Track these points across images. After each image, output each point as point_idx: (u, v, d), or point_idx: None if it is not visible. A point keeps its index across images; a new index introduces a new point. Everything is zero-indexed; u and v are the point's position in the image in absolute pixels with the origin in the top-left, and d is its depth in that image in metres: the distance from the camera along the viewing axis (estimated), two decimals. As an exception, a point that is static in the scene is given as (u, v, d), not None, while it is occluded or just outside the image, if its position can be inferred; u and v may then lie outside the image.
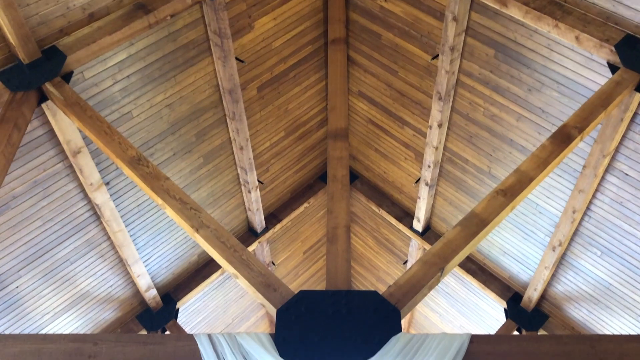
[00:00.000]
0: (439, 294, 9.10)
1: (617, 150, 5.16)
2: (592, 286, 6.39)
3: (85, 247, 6.15)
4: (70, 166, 5.43)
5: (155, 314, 7.40)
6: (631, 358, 3.42)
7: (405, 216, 8.25)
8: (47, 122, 4.97)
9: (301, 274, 10.27)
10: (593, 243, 6.04)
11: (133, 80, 5.39)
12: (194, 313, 8.61)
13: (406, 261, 9.02)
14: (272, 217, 8.36)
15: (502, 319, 7.90)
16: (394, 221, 8.31)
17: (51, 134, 5.09)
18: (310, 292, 3.97)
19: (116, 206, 6.03)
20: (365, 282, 10.66)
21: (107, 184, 5.80)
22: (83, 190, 5.70)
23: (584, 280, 6.46)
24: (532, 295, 7.10)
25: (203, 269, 7.82)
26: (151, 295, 7.21)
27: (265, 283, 4.00)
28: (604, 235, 5.85)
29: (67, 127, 5.05)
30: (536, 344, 3.56)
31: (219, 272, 7.85)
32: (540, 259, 6.68)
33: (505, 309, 7.52)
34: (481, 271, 7.69)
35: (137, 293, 7.17)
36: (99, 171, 5.63)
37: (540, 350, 3.52)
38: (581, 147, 5.39)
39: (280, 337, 3.73)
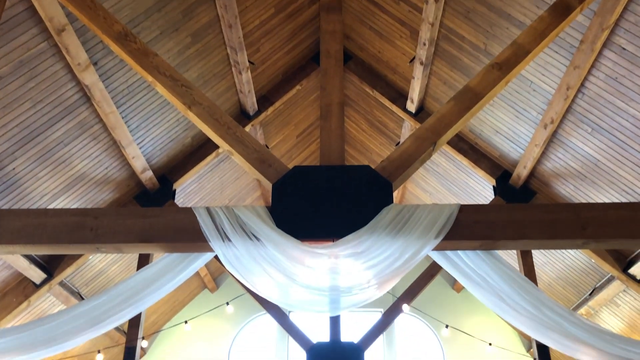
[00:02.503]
0: (429, 173, 9.30)
1: (616, 23, 5.03)
2: (580, 163, 6.53)
3: (77, 129, 6.13)
4: (56, 45, 5.26)
5: (152, 195, 7.56)
6: (613, 224, 3.58)
7: (399, 97, 8.19)
8: (27, -2, 4.75)
9: (294, 158, 10.38)
10: (584, 120, 6.08)
11: (113, -49, 5.08)
12: (191, 194, 8.80)
13: (398, 142, 9.10)
14: (265, 100, 8.28)
15: (490, 196, 8.14)
16: (387, 102, 8.26)
17: (32, 10, 4.87)
18: (304, 167, 4.05)
19: (106, 87, 5.93)
20: (357, 164, 10.82)
21: (95, 64, 5.66)
22: (71, 71, 5.58)
23: (572, 157, 6.58)
24: (521, 172, 7.26)
25: (197, 150, 7.88)
26: (147, 176, 7.32)
27: (260, 159, 4.06)
28: (596, 112, 5.87)
29: (48, 3, 4.82)
30: (523, 212, 3.70)
31: (214, 154, 7.92)
32: (531, 137, 6.75)
33: (494, 187, 7.72)
34: (472, 150, 7.79)
35: (133, 175, 7.27)
36: (86, 50, 5.47)
37: (526, 219, 3.67)
38: (579, 21, 5.24)
39: (277, 209, 3.85)
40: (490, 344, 7.28)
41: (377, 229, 3.71)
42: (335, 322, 7.54)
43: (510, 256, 8.83)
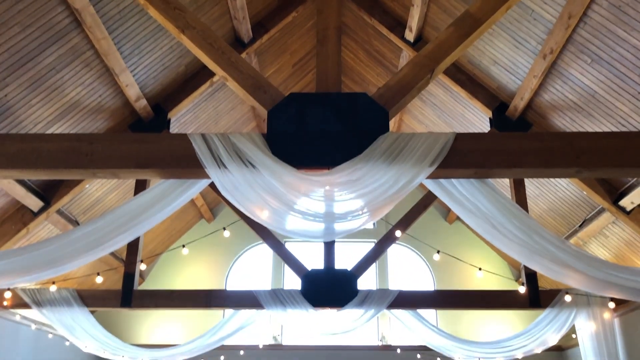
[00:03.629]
0: (426, 105, 9.24)
1: (624, -52, 4.87)
2: (577, 94, 6.48)
3: (69, 55, 6.00)
4: (42, -34, 5.07)
5: (147, 124, 7.51)
6: (607, 153, 3.60)
7: (397, 26, 8.01)
8: None
9: (290, 88, 10.25)
10: (585, 51, 5.99)
11: None
12: (186, 124, 8.74)
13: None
14: (259, 27, 8.08)
15: (486, 128, 8.13)
16: (385, 31, 8.08)
17: None
18: (300, 94, 4.02)
19: (97, 12, 5.76)
20: (354, 95, 10.68)
21: (84, -14, 5.48)
22: (59, -6, 5.41)
23: (570, 89, 6.53)
24: (518, 104, 7.22)
25: (191, 79, 7.76)
26: (141, 105, 7.25)
27: (255, 85, 4.01)
28: (597, 42, 5.77)
29: None
30: (517, 141, 3.71)
31: (208, 83, 7.80)
32: (529, 68, 6.67)
33: (490, 119, 7.70)
34: (470, 81, 7.71)
35: (127, 103, 7.19)
36: (74, -28, 5.28)
37: (520, 147, 3.68)
38: (586, -55, 5.07)
39: (272, 137, 3.85)
40: (480, 269, 7.46)
41: (372, 157, 3.72)
42: (329, 250, 7.71)
43: (503, 188, 8.92)
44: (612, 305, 7.12)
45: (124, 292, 7.21)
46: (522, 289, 7.18)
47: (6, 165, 3.60)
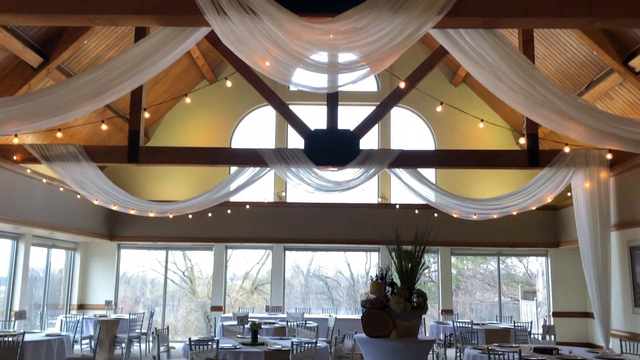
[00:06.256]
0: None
1: None
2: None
3: None
4: None
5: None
6: (623, 1, 3.45)
7: None
8: None
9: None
10: None
11: None
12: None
13: None
14: None
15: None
16: None
17: None
18: None
19: None
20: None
21: None
22: None
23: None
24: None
25: None
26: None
27: None
28: None
29: None
30: (531, -13, 3.54)
31: None
32: None
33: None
34: None
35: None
36: None
37: None
38: None
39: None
40: (482, 120, 7.38)
41: (378, 4, 3.59)
42: (332, 110, 7.69)
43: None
44: (609, 156, 6.97)
45: (130, 148, 7.31)
46: (522, 141, 7.17)
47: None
